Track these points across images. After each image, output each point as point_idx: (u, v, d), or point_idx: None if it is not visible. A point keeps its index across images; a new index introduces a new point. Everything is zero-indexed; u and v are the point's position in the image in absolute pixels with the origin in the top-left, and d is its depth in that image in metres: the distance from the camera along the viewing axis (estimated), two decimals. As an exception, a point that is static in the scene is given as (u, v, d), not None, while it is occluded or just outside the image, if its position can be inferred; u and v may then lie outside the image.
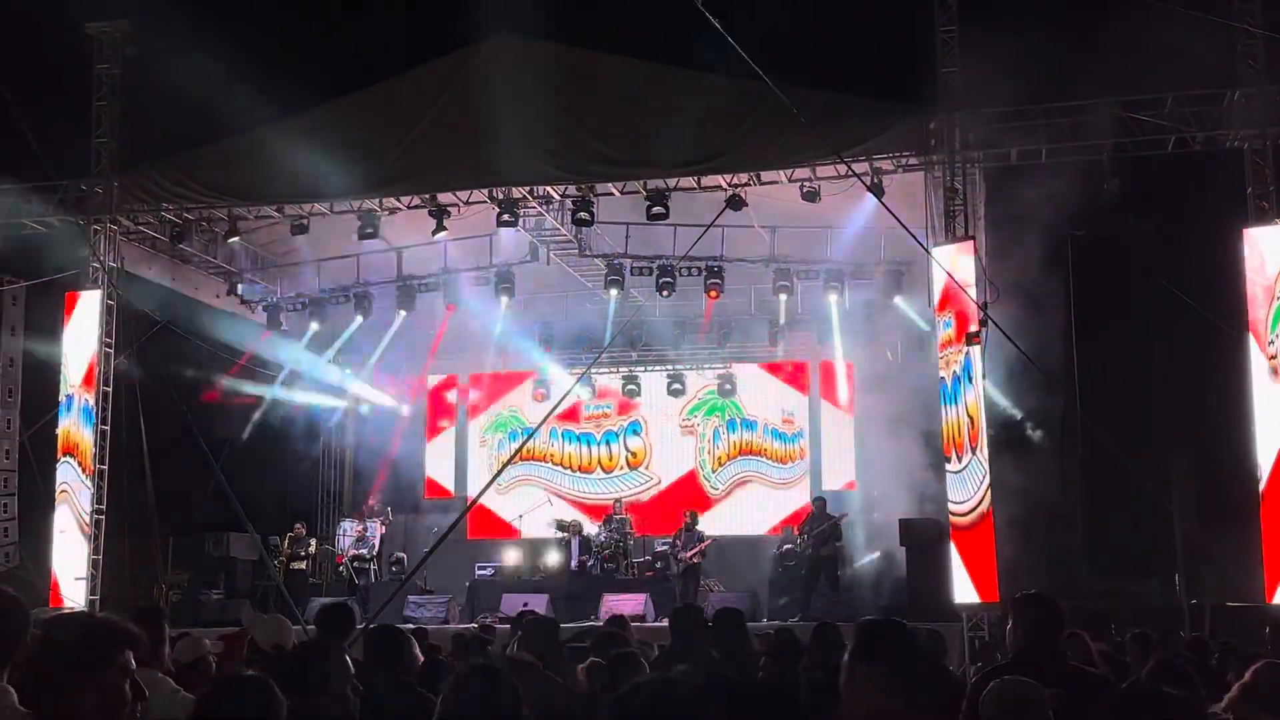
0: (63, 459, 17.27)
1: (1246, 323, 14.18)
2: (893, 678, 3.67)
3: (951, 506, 14.54)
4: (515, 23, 16.86)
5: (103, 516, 17.20)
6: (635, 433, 23.66)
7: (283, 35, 18.47)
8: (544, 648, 6.41)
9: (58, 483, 17.24)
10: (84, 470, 17.07)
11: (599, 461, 23.87)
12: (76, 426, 17.20)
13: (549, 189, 17.26)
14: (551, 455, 24.02)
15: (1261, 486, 13.74)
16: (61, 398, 17.35)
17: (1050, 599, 5.47)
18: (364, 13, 21.48)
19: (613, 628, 7.01)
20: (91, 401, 17.11)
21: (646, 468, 23.55)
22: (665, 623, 13.26)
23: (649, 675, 2.88)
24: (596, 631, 7.67)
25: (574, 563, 19.70)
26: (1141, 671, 5.91)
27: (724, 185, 16.52)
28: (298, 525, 20.57)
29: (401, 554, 21.35)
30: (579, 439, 23.97)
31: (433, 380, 24.75)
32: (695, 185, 16.68)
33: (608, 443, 23.85)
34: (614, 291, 19.46)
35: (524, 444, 21.91)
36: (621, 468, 23.67)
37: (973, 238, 14.81)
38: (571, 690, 6.25)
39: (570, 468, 23.96)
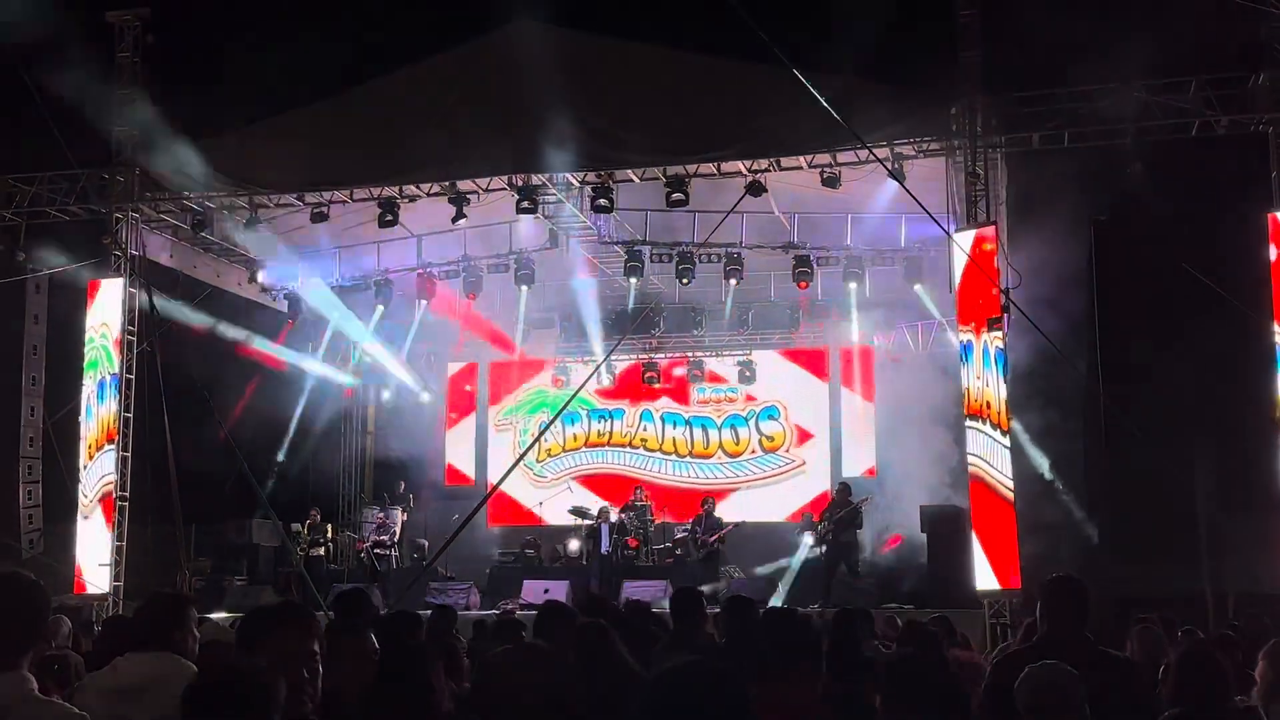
0: (106, 447, 17.21)
1: (1270, 306, 14.09)
2: None
3: (1000, 477, 14.22)
4: (535, 9, 16.83)
5: (126, 503, 17.29)
6: (771, 417, 23.36)
7: (303, 22, 18.46)
8: (557, 633, 6.42)
9: (99, 475, 17.16)
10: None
11: (721, 445, 23.60)
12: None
13: (568, 176, 17.24)
14: (646, 440, 23.80)
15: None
16: (104, 376, 17.32)
17: (1079, 582, 5.44)
18: (386, 1, 21.48)
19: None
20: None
21: (786, 451, 23.26)
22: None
23: (686, 659, 2.84)
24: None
25: (605, 548, 19.69)
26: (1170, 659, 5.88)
27: (744, 171, 16.47)
28: (313, 512, 20.65)
29: (423, 540, 21.41)
30: (688, 423, 23.73)
31: (453, 367, 24.78)
32: (715, 171, 16.63)
33: (733, 426, 23.55)
34: (633, 279, 19.45)
35: (543, 433, 21.92)
36: (754, 451, 23.40)
37: (994, 222, 14.73)
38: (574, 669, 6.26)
39: (676, 453, 23.68)
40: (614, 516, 20.30)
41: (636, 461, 23.69)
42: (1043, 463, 17.22)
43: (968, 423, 14.50)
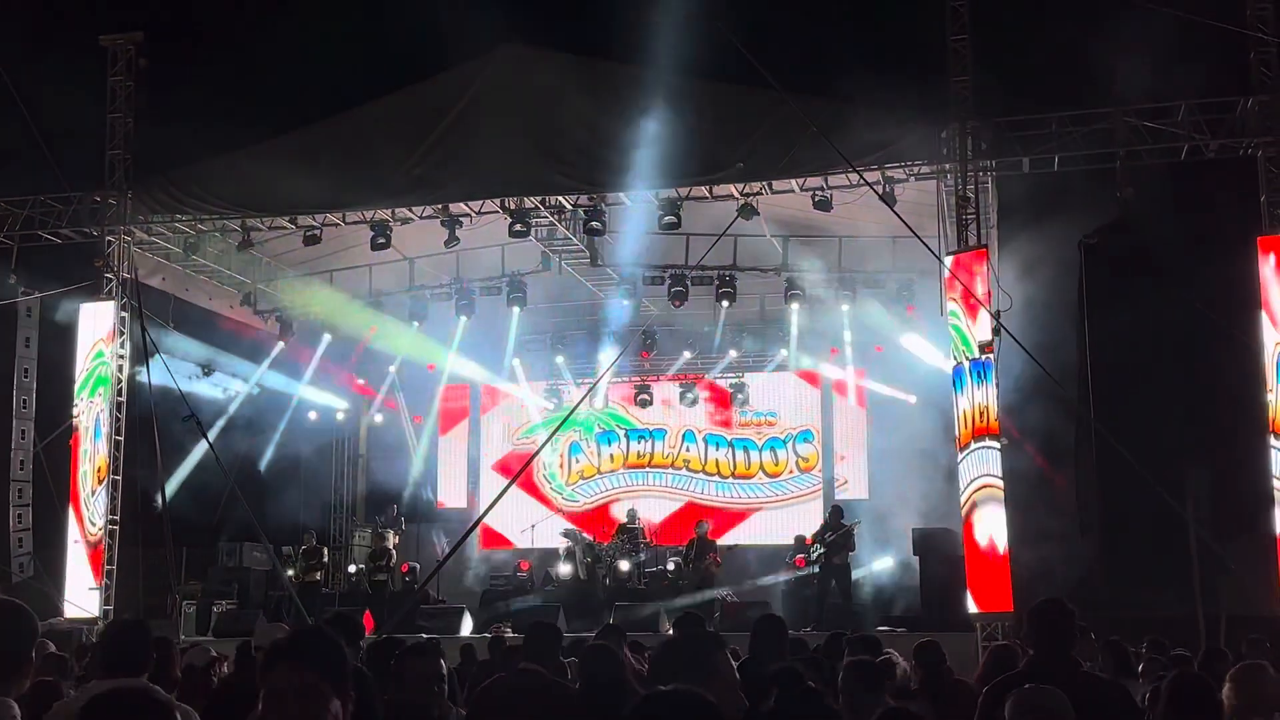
0: (111, 477, 17.18)
1: (1259, 329, 14.12)
2: None
3: (994, 481, 14.36)
4: (526, 33, 16.91)
5: (116, 526, 17.23)
6: (806, 440, 23.51)
7: (296, 47, 18.53)
8: (547, 654, 6.39)
9: (107, 502, 17.10)
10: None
11: (762, 466, 23.75)
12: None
13: (561, 199, 17.26)
14: (689, 461, 23.93)
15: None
16: (114, 398, 17.33)
17: (1063, 605, 5.42)
18: (376, 25, 21.57)
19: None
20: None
21: (819, 471, 23.37)
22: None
23: (668, 687, 2.85)
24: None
25: (583, 573, 19.61)
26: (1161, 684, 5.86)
27: (736, 194, 16.50)
28: (307, 535, 20.59)
29: (415, 564, 21.35)
30: (731, 444, 23.83)
31: (445, 389, 24.69)
32: (707, 194, 16.66)
33: (772, 449, 23.69)
34: (625, 301, 19.46)
35: (533, 458, 21.83)
36: (791, 471, 23.55)
37: (985, 246, 14.77)
38: (573, 692, 6.23)
39: (719, 474, 23.82)
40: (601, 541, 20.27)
41: (679, 483, 23.82)
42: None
43: (985, 442, 14.43)
